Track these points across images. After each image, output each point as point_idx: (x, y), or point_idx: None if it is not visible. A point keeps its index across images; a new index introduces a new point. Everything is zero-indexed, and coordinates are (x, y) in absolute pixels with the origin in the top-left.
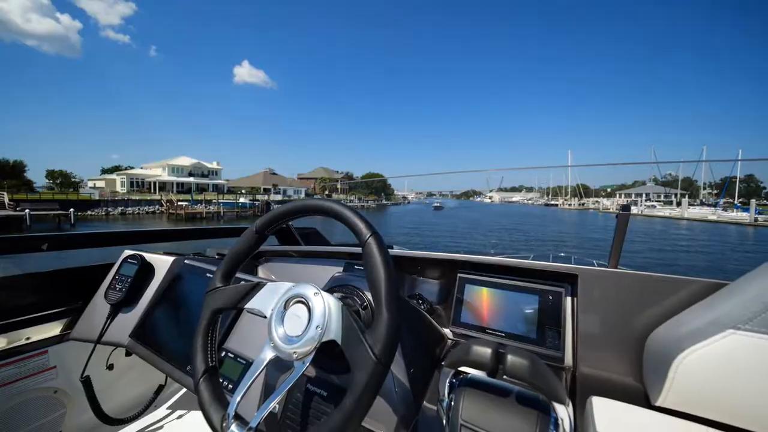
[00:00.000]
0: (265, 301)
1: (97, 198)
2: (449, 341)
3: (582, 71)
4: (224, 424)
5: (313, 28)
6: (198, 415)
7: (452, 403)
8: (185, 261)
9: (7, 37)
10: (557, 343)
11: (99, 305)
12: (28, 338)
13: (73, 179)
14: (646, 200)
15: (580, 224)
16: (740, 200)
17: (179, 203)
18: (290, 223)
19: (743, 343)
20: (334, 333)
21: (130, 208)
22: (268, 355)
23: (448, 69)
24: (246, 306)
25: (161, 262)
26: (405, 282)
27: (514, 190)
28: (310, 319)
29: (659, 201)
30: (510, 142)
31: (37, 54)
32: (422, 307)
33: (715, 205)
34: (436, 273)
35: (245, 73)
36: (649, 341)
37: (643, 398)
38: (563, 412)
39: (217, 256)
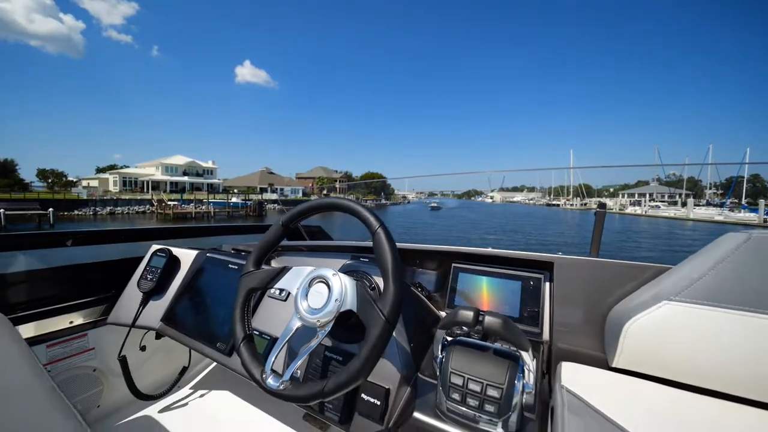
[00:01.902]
0: (291, 281)
1: (85, 197)
2: None
3: (583, 71)
4: (263, 376)
5: (315, 28)
6: (217, 394)
7: (444, 358)
8: (207, 254)
9: (11, 38)
10: (536, 321)
11: (132, 293)
12: (71, 322)
13: (66, 178)
14: (650, 200)
15: (583, 225)
16: (746, 200)
17: (169, 203)
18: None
19: (673, 311)
20: (350, 304)
21: (119, 208)
22: (296, 324)
23: (449, 70)
24: (275, 286)
25: (186, 256)
26: (407, 272)
27: (515, 189)
28: (329, 295)
29: (663, 201)
30: (511, 142)
31: (40, 54)
32: (422, 293)
33: (721, 206)
34: (433, 264)
35: (247, 72)
36: (609, 316)
37: (604, 363)
38: (529, 360)
39: (233, 251)
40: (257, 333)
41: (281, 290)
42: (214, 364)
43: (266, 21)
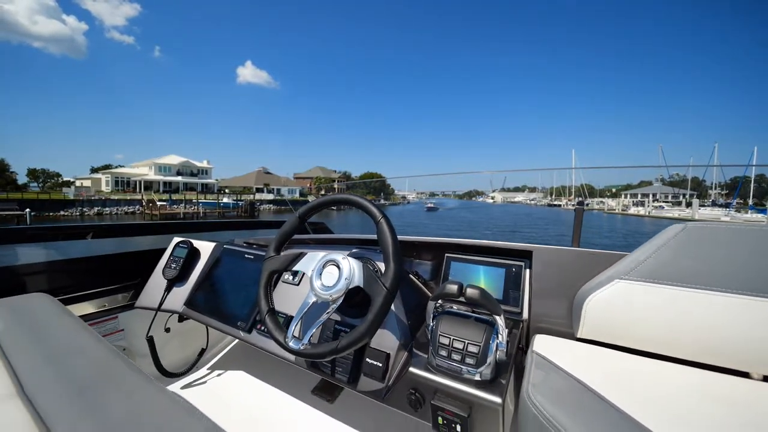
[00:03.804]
0: (306, 264)
1: (72, 198)
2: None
3: (584, 71)
4: (286, 340)
5: (316, 28)
6: (232, 373)
7: (434, 325)
8: (224, 246)
9: (14, 39)
10: (517, 302)
11: (157, 280)
12: (104, 306)
13: (61, 179)
14: (653, 201)
15: (586, 226)
16: (753, 201)
17: (159, 203)
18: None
19: (623, 287)
20: (358, 281)
21: (107, 208)
22: (312, 299)
23: (451, 69)
24: (293, 268)
25: (205, 247)
26: (405, 263)
27: (517, 190)
28: (340, 274)
29: (667, 201)
30: (513, 143)
31: (43, 55)
32: (419, 281)
33: (727, 206)
34: (429, 255)
35: (248, 73)
36: (576, 296)
37: (572, 336)
38: (501, 324)
39: (245, 244)
40: None
41: (294, 275)
42: (229, 346)
43: (267, 21)
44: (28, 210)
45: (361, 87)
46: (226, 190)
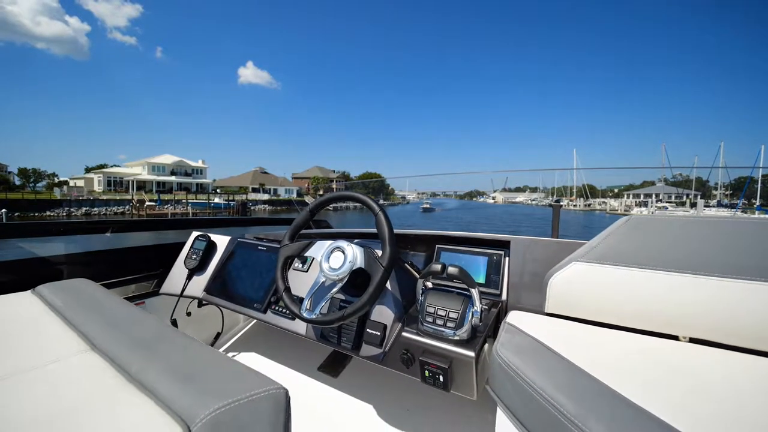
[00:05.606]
0: (316, 250)
1: (58, 198)
2: None
3: (584, 72)
4: (301, 311)
5: (316, 28)
6: (246, 354)
7: (423, 299)
8: (238, 240)
9: (18, 40)
10: (498, 286)
11: (179, 270)
12: (133, 291)
13: (54, 178)
14: (656, 201)
15: (587, 227)
16: (760, 201)
17: (148, 203)
18: None
19: (578, 268)
20: (360, 263)
21: (96, 208)
22: (321, 279)
23: (453, 69)
24: (305, 254)
25: (221, 240)
26: (401, 254)
27: (518, 190)
28: (345, 258)
29: (671, 202)
30: (514, 143)
31: (45, 56)
32: (413, 269)
33: (733, 207)
34: (422, 247)
35: (250, 73)
36: (544, 278)
37: (541, 311)
38: (476, 296)
39: (254, 239)
40: None
41: (304, 262)
42: (243, 331)
43: (269, 22)
44: (4, 210)
45: (363, 87)
46: (218, 190)
